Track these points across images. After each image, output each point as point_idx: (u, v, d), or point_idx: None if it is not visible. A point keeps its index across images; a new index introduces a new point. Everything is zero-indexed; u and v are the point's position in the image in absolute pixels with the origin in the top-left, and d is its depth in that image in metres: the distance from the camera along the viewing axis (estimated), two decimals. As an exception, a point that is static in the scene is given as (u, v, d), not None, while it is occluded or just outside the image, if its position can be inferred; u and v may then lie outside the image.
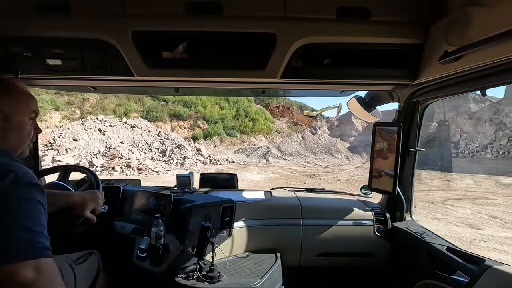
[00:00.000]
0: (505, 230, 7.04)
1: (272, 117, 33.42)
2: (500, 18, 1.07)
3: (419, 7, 1.46)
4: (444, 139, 20.38)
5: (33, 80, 1.78)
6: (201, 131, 28.04)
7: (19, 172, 0.85)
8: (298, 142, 23.87)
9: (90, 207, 1.41)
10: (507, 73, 1.20)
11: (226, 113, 30.57)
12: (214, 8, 1.44)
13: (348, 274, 2.27)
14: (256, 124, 30.08)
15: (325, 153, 22.42)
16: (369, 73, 1.64)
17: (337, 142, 23.56)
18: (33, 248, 0.77)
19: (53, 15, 1.45)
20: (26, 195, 0.82)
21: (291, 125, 33.20)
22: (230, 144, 26.53)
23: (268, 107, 35.35)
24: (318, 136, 24.38)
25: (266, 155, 20.60)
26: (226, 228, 1.99)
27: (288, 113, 35.35)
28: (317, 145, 23.36)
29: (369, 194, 2.35)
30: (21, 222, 0.78)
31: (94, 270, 1.62)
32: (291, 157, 21.18)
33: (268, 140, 28.24)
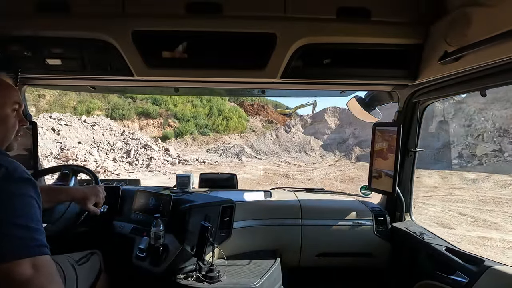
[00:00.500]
0: (475, 228, 7.01)
1: (246, 115, 32.54)
2: (500, 18, 1.07)
3: (419, 7, 1.47)
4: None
5: (33, 79, 1.78)
6: (172, 130, 26.77)
7: (9, 167, 0.83)
8: (272, 140, 23.31)
9: (92, 200, 1.42)
10: (507, 73, 1.21)
11: (199, 111, 29.52)
12: (214, 8, 1.45)
13: (347, 274, 2.27)
14: (230, 123, 29.20)
15: (299, 152, 22.36)
16: (369, 73, 1.65)
17: (311, 140, 23.50)
18: (30, 246, 0.76)
19: (53, 15, 1.45)
20: (18, 191, 0.81)
21: (266, 123, 32.62)
22: (203, 143, 25.69)
23: (243, 105, 34.46)
24: (292, 135, 24.32)
25: (239, 154, 20.09)
26: (226, 228, 1.99)
27: (263, 111, 34.68)
28: (291, 144, 23.31)
29: (368, 194, 2.37)
30: (15, 219, 0.77)
31: (96, 270, 1.62)
32: (265, 156, 20.86)
33: (242, 139, 27.56)
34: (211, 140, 26.72)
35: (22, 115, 1.08)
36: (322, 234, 2.17)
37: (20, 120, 1.07)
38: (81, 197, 1.41)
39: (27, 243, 0.76)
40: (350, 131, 23.92)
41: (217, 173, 2.92)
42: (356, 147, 21.64)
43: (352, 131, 23.80)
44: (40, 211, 0.85)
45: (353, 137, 23.24)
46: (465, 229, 7.02)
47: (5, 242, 0.74)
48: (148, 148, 17.79)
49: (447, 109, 21.12)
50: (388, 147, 1.96)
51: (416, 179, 6.53)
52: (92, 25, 1.47)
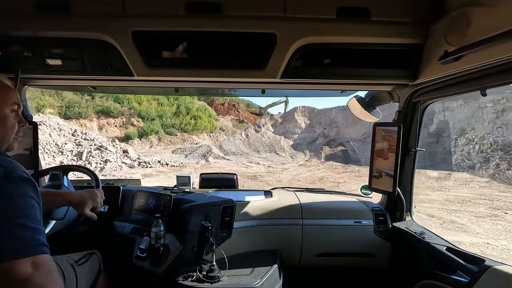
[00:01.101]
0: (446, 231, 6.87)
1: (216, 115, 31.60)
2: (500, 18, 1.07)
3: (419, 7, 1.47)
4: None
5: (33, 80, 1.78)
6: (135, 129, 25.06)
7: (8, 167, 0.84)
8: (241, 140, 23.27)
9: (89, 205, 1.41)
10: (507, 73, 1.20)
11: (165, 109, 28.02)
12: (214, 8, 1.44)
13: (348, 274, 2.27)
14: (198, 122, 28.05)
15: (269, 152, 22.05)
16: (369, 73, 1.65)
17: (281, 140, 23.37)
18: (30, 245, 0.77)
19: (53, 15, 1.45)
20: (18, 191, 0.81)
21: (237, 122, 31.70)
22: (170, 144, 24.50)
23: (213, 104, 33.58)
24: (262, 134, 24.08)
25: (207, 155, 19.45)
26: (226, 228, 1.99)
27: (234, 110, 33.83)
28: (261, 143, 23.00)
29: (369, 194, 2.36)
30: (15, 219, 0.77)
31: (95, 271, 1.63)
32: (234, 157, 20.37)
33: (211, 139, 26.74)
34: (178, 140, 25.65)
35: (21, 116, 1.09)
36: (322, 234, 2.17)
37: (19, 121, 1.07)
38: (78, 202, 1.40)
39: (27, 242, 0.77)
40: (320, 130, 23.98)
41: (218, 173, 2.93)
42: (325, 147, 21.62)
43: (321, 130, 23.89)
44: (40, 211, 0.86)
45: (323, 136, 23.25)
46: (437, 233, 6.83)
47: (6, 242, 0.75)
48: (103, 150, 16.62)
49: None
50: (389, 147, 1.95)
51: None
52: (92, 25, 1.47)
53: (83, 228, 1.84)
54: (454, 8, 1.29)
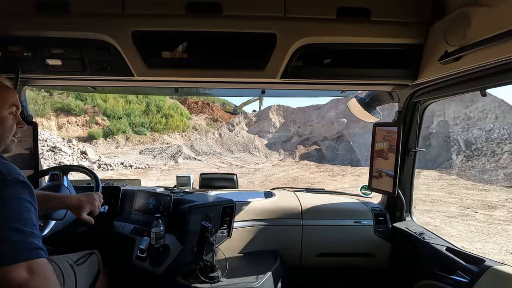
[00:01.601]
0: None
1: (189, 113, 30.30)
2: (500, 18, 1.08)
3: (419, 7, 1.48)
4: (352, 134, 21.00)
5: (33, 80, 1.79)
6: (100, 129, 23.09)
7: (3, 169, 0.83)
8: (214, 140, 22.37)
9: (87, 210, 1.39)
10: (507, 73, 1.20)
11: (134, 107, 26.19)
12: (214, 8, 1.45)
13: (348, 274, 2.28)
14: (170, 121, 26.57)
15: (243, 151, 21.40)
16: (369, 73, 1.65)
17: (256, 139, 22.78)
18: (25, 250, 0.76)
19: (53, 15, 1.45)
20: (12, 193, 0.80)
21: (211, 121, 30.57)
22: (138, 144, 22.99)
23: (186, 102, 32.44)
24: (236, 133, 23.38)
25: (176, 156, 18.45)
26: (226, 228, 2.00)
27: (208, 109, 32.87)
28: (235, 143, 22.27)
29: (369, 194, 2.38)
30: (10, 223, 0.76)
31: (95, 271, 1.63)
32: (206, 157, 19.53)
33: (184, 138, 25.45)
34: (147, 140, 24.13)
35: (20, 118, 1.09)
36: (322, 234, 2.17)
37: (18, 122, 1.07)
38: (76, 206, 1.38)
39: (22, 247, 0.76)
40: (294, 129, 23.67)
41: (218, 173, 2.92)
42: (300, 146, 21.34)
43: (296, 129, 23.59)
44: (36, 214, 0.85)
45: (297, 135, 22.94)
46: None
47: (1, 247, 0.74)
48: (57, 151, 15.46)
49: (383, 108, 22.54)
50: (389, 147, 1.96)
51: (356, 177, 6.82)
52: (92, 25, 1.47)
53: (83, 228, 1.84)
54: (454, 8, 1.29)
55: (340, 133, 21.41)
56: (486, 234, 6.80)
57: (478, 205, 9.34)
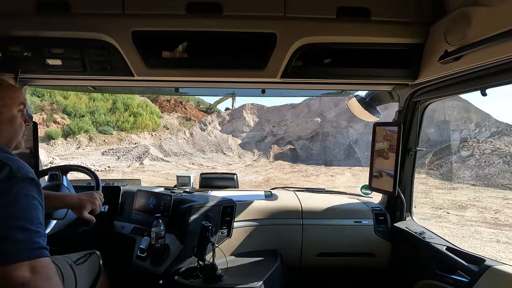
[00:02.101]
0: None
1: (160, 112, 28.97)
2: (500, 18, 1.08)
3: (419, 7, 1.48)
4: (325, 133, 21.09)
5: (33, 80, 1.79)
6: (59, 128, 21.30)
7: (14, 165, 0.83)
8: (185, 139, 21.55)
9: (88, 208, 1.39)
10: (507, 73, 1.21)
11: (99, 105, 24.45)
12: (214, 8, 1.45)
13: (348, 274, 2.28)
14: (138, 119, 24.94)
15: (215, 151, 20.77)
16: (369, 73, 1.66)
17: (229, 139, 22.14)
18: (29, 249, 0.76)
19: (53, 15, 1.46)
20: (21, 190, 0.80)
21: (183, 120, 29.09)
22: (103, 144, 21.45)
23: (157, 100, 31.10)
24: (208, 133, 22.60)
25: (142, 157, 17.35)
26: (226, 228, 2.00)
27: (181, 107, 31.54)
28: (207, 143, 21.60)
29: (369, 194, 2.37)
30: (16, 221, 0.76)
31: (95, 271, 1.63)
32: (175, 158, 18.66)
33: (154, 138, 24.04)
34: (114, 139, 22.51)
35: (26, 116, 1.10)
36: (322, 234, 2.17)
37: (25, 120, 1.09)
38: (77, 205, 1.38)
39: (27, 246, 0.76)
40: (269, 128, 23.38)
41: (218, 173, 2.91)
42: (274, 145, 21.07)
43: (270, 128, 23.32)
44: (43, 212, 0.85)
45: (272, 134, 22.63)
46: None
47: (5, 245, 0.73)
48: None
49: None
50: (389, 146, 1.96)
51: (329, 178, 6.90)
52: (92, 25, 1.47)
53: (83, 228, 1.83)
54: (454, 8, 1.30)
55: (314, 132, 21.40)
56: (461, 237, 6.82)
57: (449, 205, 9.46)
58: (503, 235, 6.90)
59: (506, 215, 8.61)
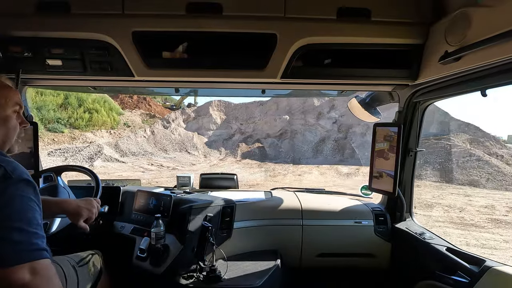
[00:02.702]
0: None
1: (121, 108, 26.65)
2: (500, 18, 1.08)
3: (420, 7, 1.48)
4: (294, 131, 20.98)
5: (34, 80, 1.80)
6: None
7: (8, 167, 0.82)
8: (146, 138, 20.34)
9: (84, 216, 1.37)
10: (507, 73, 1.21)
11: (47, 100, 21.87)
12: (214, 8, 1.45)
13: (348, 274, 2.27)
14: (95, 116, 22.56)
15: (179, 150, 19.77)
16: (369, 74, 1.66)
17: (194, 137, 21.26)
18: (28, 251, 0.75)
19: (53, 15, 1.46)
20: (16, 191, 0.79)
21: (147, 117, 27.12)
22: (52, 143, 19.38)
23: (118, 96, 28.37)
24: (172, 131, 21.53)
25: (94, 157, 16.07)
26: (226, 229, 2.01)
27: (145, 103, 29.42)
28: (171, 141, 20.52)
29: (369, 194, 2.37)
30: (13, 223, 0.75)
31: (97, 271, 1.63)
32: (133, 158, 17.42)
33: (113, 136, 22.01)
34: (65, 138, 20.34)
35: (23, 117, 1.09)
36: (322, 234, 2.17)
37: (21, 121, 1.07)
38: (73, 212, 1.36)
39: (26, 247, 0.75)
40: (237, 126, 22.68)
41: (218, 173, 2.90)
42: (242, 144, 20.48)
43: (238, 126, 22.64)
44: (40, 213, 0.84)
45: (240, 132, 21.92)
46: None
47: (3, 247, 0.73)
48: None
49: (323, 105, 22.43)
50: (389, 147, 1.96)
51: (297, 177, 7.00)
52: (92, 25, 1.47)
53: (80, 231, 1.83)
54: (454, 8, 1.30)
55: (283, 130, 21.17)
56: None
57: (415, 203, 9.53)
58: (471, 237, 7.02)
59: (470, 214, 8.79)
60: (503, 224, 8.00)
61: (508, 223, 8.09)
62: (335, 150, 19.46)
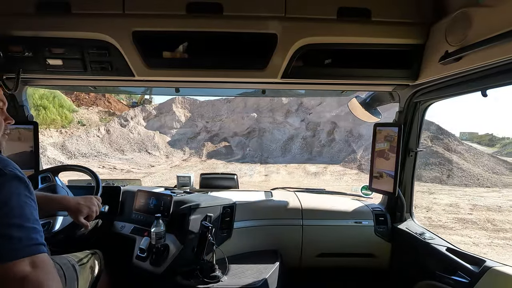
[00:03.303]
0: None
1: (74, 105, 24.71)
2: (501, 18, 1.07)
3: (420, 7, 1.48)
4: (262, 129, 20.59)
5: (34, 80, 1.80)
6: None
7: (0, 163, 0.81)
8: (99, 137, 19.00)
9: (85, 213, 1.38)
10: (507, 74, 1.20)
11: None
12: (214, 8, 1.45)
13: (348, 274, 2.26)
14: (42, 114, 20.93)
15: (138, 151, 18.69)
16: (369, 74, 1.66)
17: (156, 136, 20.35)
18: (27, 246, 0.76)
19: (53, 15, 1.46)
20: (10, 189, 0.79)
21: (106, 115, 24.98)
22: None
23: (73, 92, 25.82)
24: (130, 129, 20.43)
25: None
26: (227, 229, 2.01)
27: (103, 100, 27.56)
28: (129, 141, 19.35)
29: (369, 194, 2.38)
30: (10, 219, 0.76)
31: (97, 271, 1.64)
32: (83, 160, 16.24)
33: (64, 136, 20.20)
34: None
35: (7, 114, 1.07)
36: (322, 234, 2.17)
37: (5, 118, 1.06)
38: (74, 209, 1.37)
39: (26, 243, 0.76)
40: (202, 124, 21.78)
41: (218, 173, 2.92)
42: (208, 143, 19.66)
43: (204, 124, 21.71)
44: (36, 209, 0.84)
45: (205, 131, 21.03)
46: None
47: (3, 243, 0.73)
48: None
49: (291, 103, 22.09)
50: (389, 147, 1.96)
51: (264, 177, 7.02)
52: (92, 25, 1.47)
53: (80, 229, 1.80)
54: (455, 8, 1.30)
55: (250, 128, 20.56)
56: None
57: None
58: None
59: (437, 213, 8.85)
60: (470, 224, 8.10)
61: (474, 222, 8.22)
62: (303, 148, 19.27)
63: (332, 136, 19.05)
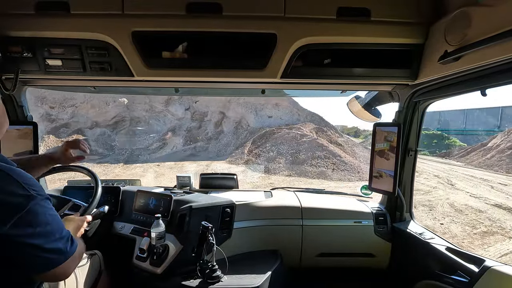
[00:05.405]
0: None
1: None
2: (500, 18, 1.08)
3: (419, 7, 1.48)
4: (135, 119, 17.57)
5: (33, 80, 1.80)
6: None
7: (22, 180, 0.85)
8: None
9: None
10: (507, 73, 1.21)
11: None
12: (214, 8, 1.45)
13: (348, 274, 2.27)
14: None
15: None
16: (369, 73, 1.66)
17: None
18: (67, 252, 0.93)
19: (52, 15, 1.46)
20: (40, 209, 0.86)
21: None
22: None
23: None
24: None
25: None
26: (226, 229, 2.01)
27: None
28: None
29: (369, 194, 2.36)
30: (53, 236, 0.89)
31: (96, 271, 1.64)
32: None
33: None
34: None
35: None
36: (322, 234, 2.17)
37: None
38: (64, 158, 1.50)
39: (66, 250, 0.93)
40: (44, 110, 16.51)
41: (218, 173, 2.92)
42: (50, 136, 15.44)
43: (46, 110, 16.56)
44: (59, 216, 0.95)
45: (48, 119, 16.31)
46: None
47: (54, 255, 0.90)
48: None
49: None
50: (389, 147, 1.96)
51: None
52: (92, 25, 1.47)
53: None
54: (454, 8, 1.30)
55: (119, 117, 16.93)
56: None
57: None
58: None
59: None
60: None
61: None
62: (187, 142, 16.61)
63: (220, 128, 17.27)
